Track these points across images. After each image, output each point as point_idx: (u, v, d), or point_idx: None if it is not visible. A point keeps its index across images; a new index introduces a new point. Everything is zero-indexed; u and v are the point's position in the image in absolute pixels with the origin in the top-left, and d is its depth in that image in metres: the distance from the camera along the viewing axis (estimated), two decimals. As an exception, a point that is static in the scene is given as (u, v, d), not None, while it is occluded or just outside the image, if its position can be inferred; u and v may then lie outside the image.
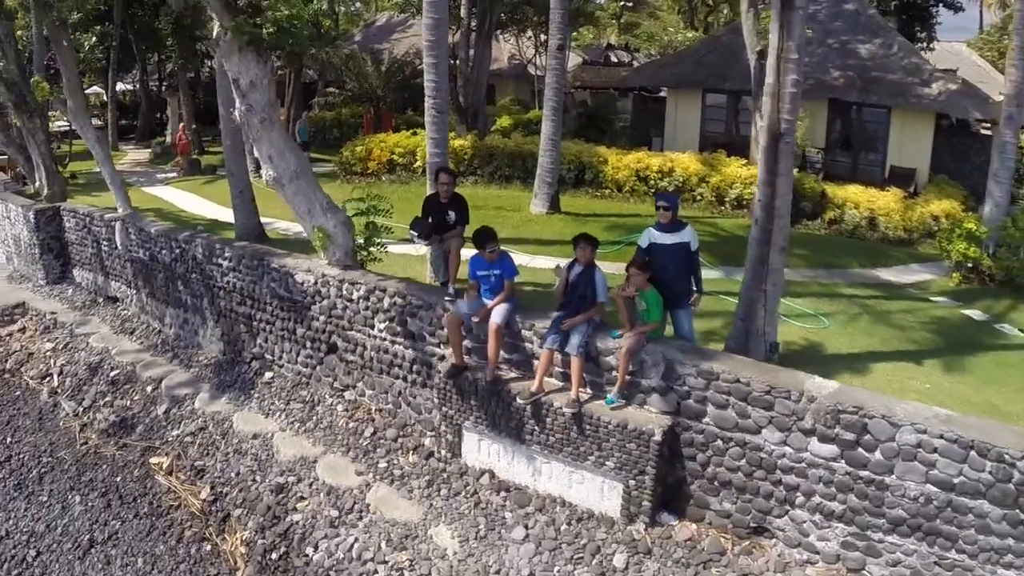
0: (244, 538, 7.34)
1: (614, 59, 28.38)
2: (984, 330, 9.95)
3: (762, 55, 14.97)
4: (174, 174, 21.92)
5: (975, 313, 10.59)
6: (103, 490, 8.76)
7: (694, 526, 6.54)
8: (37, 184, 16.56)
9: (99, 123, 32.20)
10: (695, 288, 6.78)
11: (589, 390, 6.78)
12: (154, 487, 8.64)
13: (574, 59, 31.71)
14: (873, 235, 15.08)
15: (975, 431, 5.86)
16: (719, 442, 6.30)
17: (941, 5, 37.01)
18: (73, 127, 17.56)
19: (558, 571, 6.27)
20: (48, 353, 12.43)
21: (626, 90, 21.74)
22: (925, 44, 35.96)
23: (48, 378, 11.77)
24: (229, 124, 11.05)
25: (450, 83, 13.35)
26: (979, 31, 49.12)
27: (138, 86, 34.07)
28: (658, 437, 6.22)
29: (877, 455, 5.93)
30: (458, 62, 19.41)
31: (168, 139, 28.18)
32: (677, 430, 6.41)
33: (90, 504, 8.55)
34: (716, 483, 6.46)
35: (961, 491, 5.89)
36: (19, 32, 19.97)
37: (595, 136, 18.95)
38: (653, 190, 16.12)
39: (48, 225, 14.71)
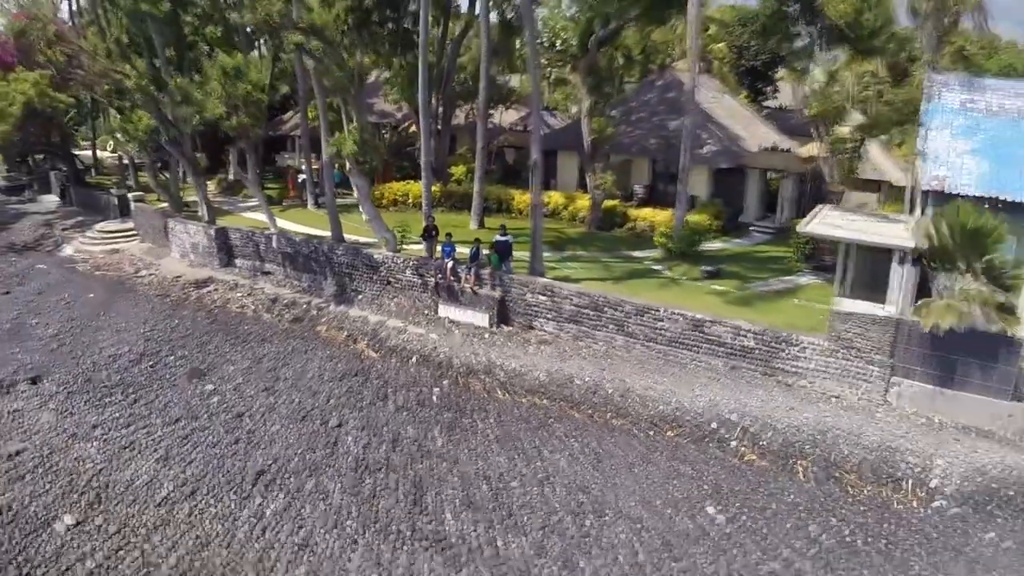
0: (364, 343, 22.41)
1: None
2: (652, 272, 25.12)
3: (592, 143, 30.34)
4: (254, 202, 36.69)
5: (657, 267, 25.74)
6: (301, 337, 23.68)
7: (511, 327, 21.78)
8: (201, 211, 31.44)
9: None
10: (511, 254, 22.06)
11: (477, 286, 22.02)
12: (319, 336, 23.61)
13: (516, 113, 46.72)
14: (652, 235, 30.27)
15: (597, 294, 21.06)
16: (518, 300, 21.56)
17: (780, 67, 53.32)
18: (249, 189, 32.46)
19: (468, 343, 21.43)
20: (239, 297, 27.31)
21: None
22: (769, 95, 51.93)
23: (244, 307, 26.61)
24: (331, 188, 26.03)
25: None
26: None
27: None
28: (498, 297, 21.52)
29: (557, 300, 21.13)
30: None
31: (231, 176, 42.82)
32: (503, 297, 21.68)
33: (296, 342, 23.45)
34: (519, 312, 21.70)
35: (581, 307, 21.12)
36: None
37: (514, 181, 34.24)
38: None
39: (220, 236, 29.54)
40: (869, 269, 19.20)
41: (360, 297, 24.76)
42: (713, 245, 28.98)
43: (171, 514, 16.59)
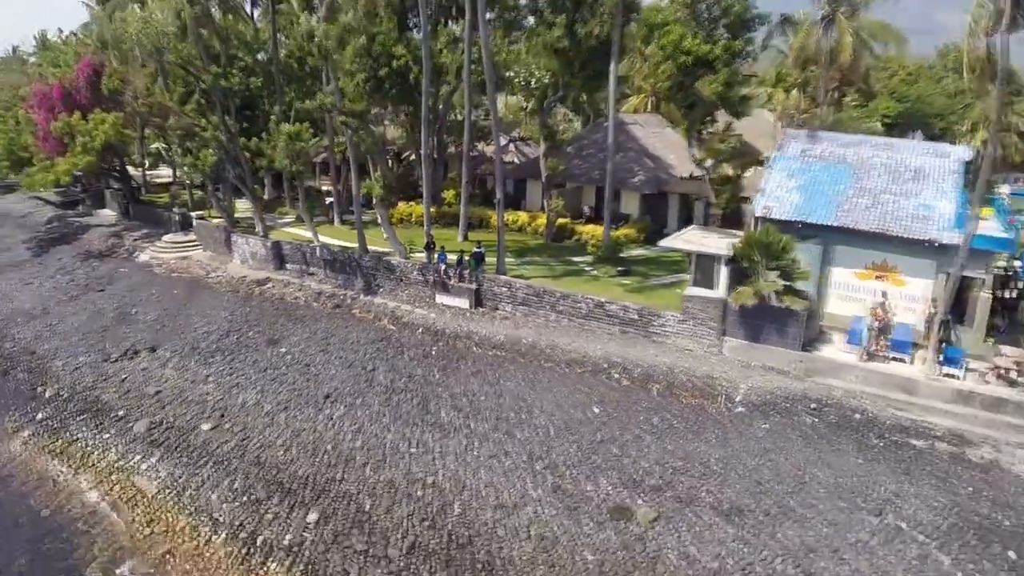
0: (386, 320, 33.95)
1: (512, 149, 55.49)
2: (583, 272, 36.61)
3: (547, 177, 42.01)
4: (289, 218, 48.20)
5: (588, 268, 37.27)
6: (341, 318, 35.17)
7: (484, 308, 33.38)
8: (257, 228, 42.89)
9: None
10: (484, 260, 33.66)
11: (462, 282, 33.62)
12: (354, 317, 35.15)
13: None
14: (591, 243, 41.77)
15: (539, 286, 32.70)
16: (488, 291, 33.20)
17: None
18: (301, 214, 43.89)
19: (455, 319, 33.01)
20: (292, 291, 38.74)
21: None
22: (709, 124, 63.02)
23: (298, 298, 38.08)
24: (359, 213, 37.56)
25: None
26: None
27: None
28: (474, 288, 33.14)
29: (513, 290, 32.72)
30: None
31: (267, 195, 54.30)
32: (478, 289, 33.31)
33: (339, 321, 34.93)
34: (488, 299, 33.32)
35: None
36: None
37: (492, 203, 45.70)
38: (511, 228, 43.00)
39: (275, 247, 40.98)
40: (707, 269, 30.76)
41: (381, 290, 36.23)
42: (636, 252, 40.54)
43: (274, 420, 28.11)
